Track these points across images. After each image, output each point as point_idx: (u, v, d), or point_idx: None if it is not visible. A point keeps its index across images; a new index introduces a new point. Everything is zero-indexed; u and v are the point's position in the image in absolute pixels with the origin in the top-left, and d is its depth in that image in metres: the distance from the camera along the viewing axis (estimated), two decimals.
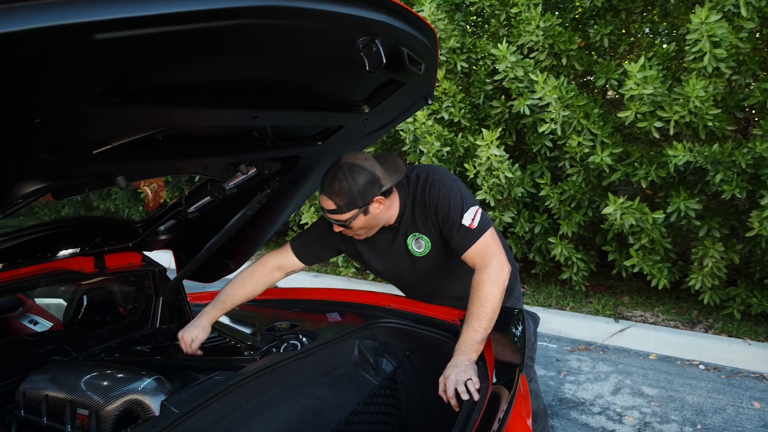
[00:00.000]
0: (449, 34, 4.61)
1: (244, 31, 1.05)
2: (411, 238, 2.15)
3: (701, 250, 4.15)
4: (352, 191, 1.91)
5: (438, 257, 2.17)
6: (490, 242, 2.00)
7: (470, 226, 1.98)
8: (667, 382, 4.01)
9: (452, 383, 1.75)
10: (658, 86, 3.65)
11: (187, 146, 1.58)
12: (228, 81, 1.38)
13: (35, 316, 3.21)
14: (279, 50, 1.26)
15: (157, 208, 2.37)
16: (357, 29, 1.27)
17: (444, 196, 2.03)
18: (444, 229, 2.06)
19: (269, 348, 2.18)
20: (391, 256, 2.22)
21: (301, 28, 1.16)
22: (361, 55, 1.35)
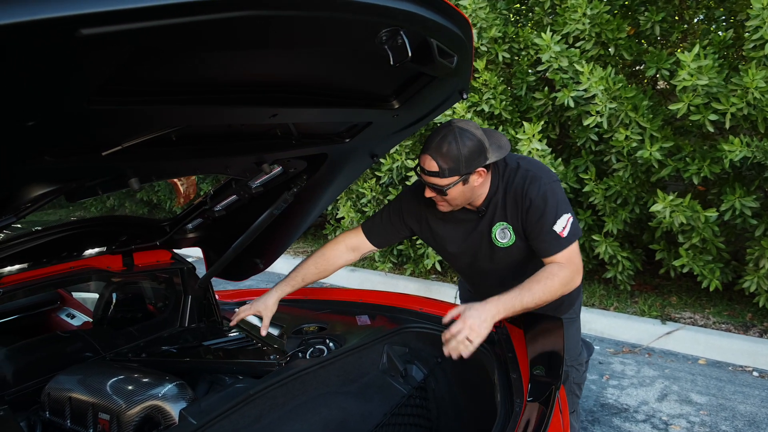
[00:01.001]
0: (490, 23, 4.44)
1: (251, 24, 0.96)
2: (497, 226, 2.04)
3: (757, 251, 3.89)
4: (460, 156, 1.83)
5: (519, 251, 2.08)
6: (573, 254, 1.97)
7: (560, 233, 1.93)
8: (718, 389, 3.80)
9: (456, 332, 1.78)
10: (713, 77, 3.41)
11: (204, 146, 1.51)
12: (243, 78, 1.29)
13: (73, 310, 3.25)
14: (295, 44, 1.16)
15: (186, 205, 2.32)
16: (380, 20, 1.16)
17: (541, 195, 1.95)
18: (529, 227, 1.98)
19: (295, 352, 2.11)
20: (470, 240, 2.11)
21: (317, 19, 1.06)
22: (385, 48, 1.24)
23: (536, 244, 1.99)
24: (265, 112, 1.41)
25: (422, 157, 1.90)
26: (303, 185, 2.10)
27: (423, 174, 1.91)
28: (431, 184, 1.90)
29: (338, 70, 1.52)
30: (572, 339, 2.37)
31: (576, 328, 2.41)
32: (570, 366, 2.37)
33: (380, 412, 1.85)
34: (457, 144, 1.84)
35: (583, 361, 2.45)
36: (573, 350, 2.37)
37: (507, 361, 1.89)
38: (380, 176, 5.40)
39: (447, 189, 1.88)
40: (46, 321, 3.16)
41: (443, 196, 1.93)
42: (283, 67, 1.35)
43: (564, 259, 1.95)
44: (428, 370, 2.17)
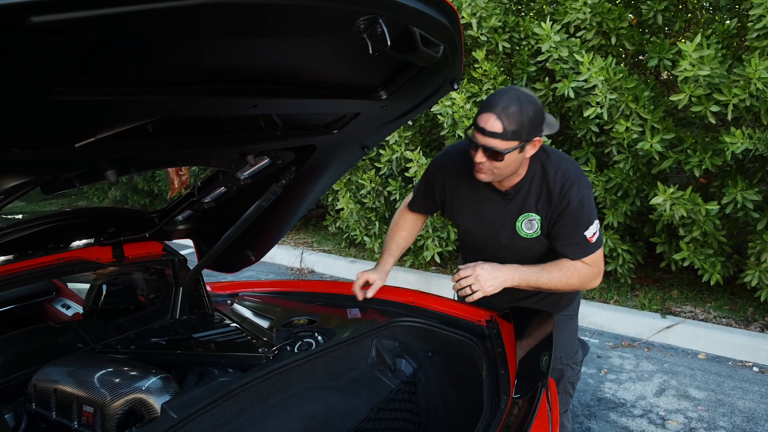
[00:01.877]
0: (490, 12, 4.38)
1: (217, 12, 0.92)
2: (525, 216, 2.01)
3: (759, 244, 3.84)
4: (524, 120, 1.75)
5: (539, 245, 2.05)
6: (598, 259, 2.03)
7: (590, 239, 1.96)
8: (717, 384, 3.76)
9: (464, 276, 1.92)
10: (715, 67, 3.35)
11: (185, 137, 1.48)
12: (220, 68, 1.26)
13: (68, 300, 3.25)
14: (268, 33, 1.13)
15: (176, 195, 2.30)
16: (356, 8, 1.13)
17: (579, 199, 1.93)
18: (561, 229, 1.96)
19: (284, 346, 2.09)
20: (492, 221, 2.07)
21: (288, 7, 1.03)
22: (364, 37, 1.20)
23: (565, 247, 1.98)
24: (244, 103, 1.38)
25: (484, 116, 1.78)
26: (292, 177, 2.07)
27: (481, 134, 1.78)
28: (488, 147, 1.78)
29: (322, 60, 1.48)
30: (569, 337, 2.34)
31: (573, 327, 2.38)
32: (565, 365, 2.32)
33: (367, 407, 1.83)
34: (522, 107, 1.75)
35: (579, 360, 2.40)
36: (569, 348, 2.33)
37: (496, 357, 1.86)
38: (380, 167, 5.36)
39: (506, 153, 1.78)
40: (42, 311, 3.16)
41: (495, 162, 1.81)
42: (262, 57, 1.31)
43: (590, 261, 2.00)
44: (418, 365, 2.15)
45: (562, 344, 2.29)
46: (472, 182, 2.01)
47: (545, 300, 2.27)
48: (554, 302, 2.29)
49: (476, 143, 1.81)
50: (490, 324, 2.12)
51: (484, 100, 1.83)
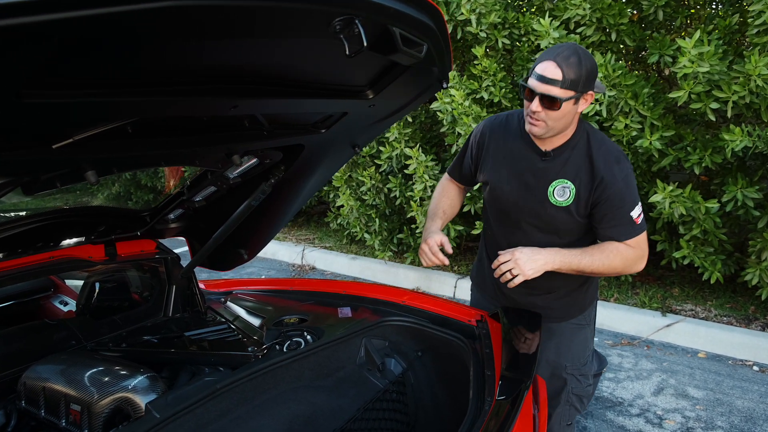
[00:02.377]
0: (490, 8, 4.35)
1: (178, 15, 0.92)
2: (559, 182, 1.97)
3: (759, 243, 3.81)
4: (582, 72, 1.78)
5: (565, 218, 2.00)
6: (643, 241, 1.98)
7: (636, 219, 1.93)
8: (716, 383, 3.74)
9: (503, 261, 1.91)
10: (715, 63, 3.32)
11: (167, 137, 1.47)
12: (196, 69, 1.25)
13: (66, 297, 3.27)
14: (241, 35, 1.12)
15: (164, 196, 2.30)
16: (329, 8, 1.12)
17: (624, 178, 1.92)
18: (606, 208, 1.92)
19: (273, 345, 2.09)
20: (526, 180, 2.03)
21: (258, 9, 1.02)
22: (341, 38, 1.20)
23: (610, 228, 1.94)
24: (224, 104, 1.37)
25: (543, 64, 1.79)
26: (281, 176, 2.07)
27: (540, 82, 1.79)
28: (547, 94, 1.78)
29: (306, 60, 1.47)
30: (577, 347, 2.25)
31: (584, 336, 2.26)
32: (569, 374, 2.24)
33: (353, 407, 1.83)
34: (581, 59, 1.78)
35: (589, 373, 2.29)
36: (576, 359, 2.24)
37: (483, 357, 1.85)
38: (380, 164, 5.35)
39: (563, 102, 1.78)
40: (39, 308, 3.18)
41: (551, 112, 1.81)
42: (241, 57, 1.30)
43: (634, 243, 1.95)
44: (407, 364, 2.15)
45: (568, 353, 2.23)
46: (514, 141, 2.06)
47: (557, 302, 2.20)
48: (565, 309, 2.22)
49: (534, 91, 1.81)
50: (480, 324, 2.11)
51: (544, 51, 1.85)
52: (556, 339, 2.21)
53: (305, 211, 7.91)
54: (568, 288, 2.18)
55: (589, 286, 2.22)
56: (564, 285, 2.17)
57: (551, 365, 2.22)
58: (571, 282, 2.16)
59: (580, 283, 2.18)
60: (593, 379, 2.34)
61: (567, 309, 2.21)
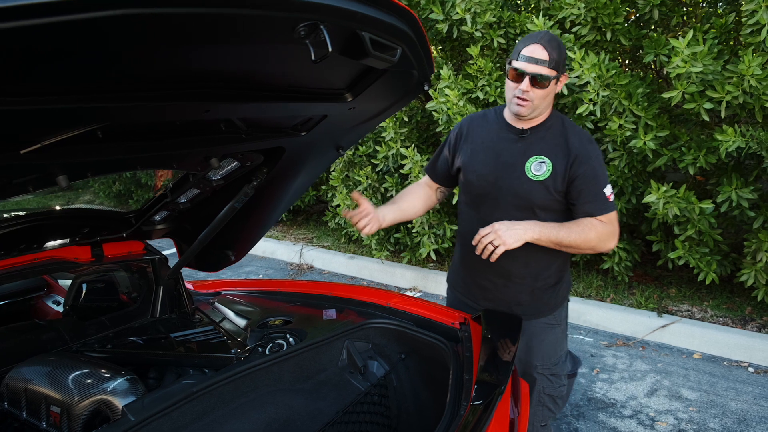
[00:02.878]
0: (485, 7, 4.33)
1: (138, 22, 0.92)
2: (536, 158, 2.07)
3: (754, 243, 3.78)
4: (562, 53, 1.98)
5: (542, 192, 2.07)
6: (614, 218, 2.10)
7: (608, 197, 2.06)
8: (710, 384, 3.72)
9: (483, 234, 1.95)
10: (708, 63, 3.29)
11: (141, 142, 1.48)
12: (166, 74, 1.25)
13: (59, 297, 3.28)
14: (208, 41, 1.12)
15: (148, 199, 2.31)
16: (289, 15, 1.11)
17: (597, 157, 2.07)
18: (582, 183, 2.03)
19: (255, 347, 2.09)
20: (504, 159, 2.13)
21: (219, 16, 1.02)
22: (307, 43, 1.19)
23: (586, 204, 2.04)
24: (195, 108, 1.37)
25: (531, 47, 1.95)
26: (263, 179, 2.07)
27: (530, 63, 1.94)
28: (536, 74, 1.94)
29: (281, 64, 1.47)
30: (548, 346, 2.27)
31: (555, 337, 2.29)
32: (540, 374, 2.27)
33: (332, 410, 1.83)
34: (559, 43, 1.97)
35: (561, 374, 2.31)
36: (547, 358, 2.27)
37: (463, 361, 1.85)
38: (376, 164, 5.34)
39: (549, 80, 1.96)
40: (33, 307, 3.20)
41: (539, 91, 1.97)
42: (212, 62, 1.30)
43: (607, 220, 2.06)
44: (390, 367, 2.14)
45: (538, 352, 2.25)
46: (491, 126, 2.20)
47: (529, 296, 2.22)
48: (538, 308, 2.24)
49: (524, 72, 1.95)
50: (463, 327, 2.11)
51: (524, 38, 2.02)
52: (527, 337, 2.23)
53: (304, 210, 7.92)
54: (540, 281, 2.20)
55: (561, 286, 2.26)
56: (537, 273, 2.19)
57: (522, 364, 2.25)
58: (544, 275, 2.20)
59: (552, 281, 2.22)
60: (567, 380, 2.36)
61: (538, 306, 2.24)
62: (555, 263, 2.20)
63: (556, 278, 2.23)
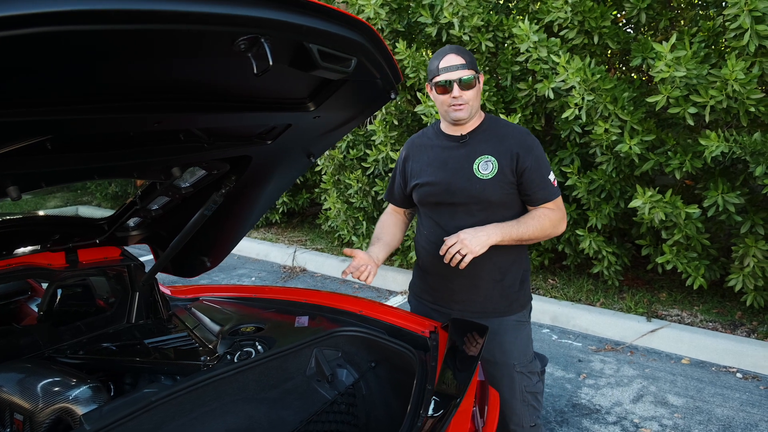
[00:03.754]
0: (472, 11, 4.32)
1: (68, 38, 0.92)
2: (481, 158, 2.17)
3: (742, 248, 3.76)
4: (472, 57, 2.14)
5: (494, 189, 2.15)
6: (561, 203, 2.24)
7: (553, 183, 2.19)
8: (697, 390, 3.70)
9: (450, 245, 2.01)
10: (692, 68, 3.27)
11: (96, 152, 1.48)
12: (113, 86, 1.25)
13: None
14: (147, 54, 1.12)
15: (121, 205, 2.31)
16: (233, 29, 1.11)
17: (537, 146, 2.18)
18: (528, 173, 2.14)
19: (224, 354, 2.09)
20: (452, 167, 2.21)
21: (155, 32, 1.02)
22: (249, 57, 1.19)
23: (532, 190, 2.15)
24: (144, 120, 1.37)
25: (446, 58, 2.10)
26: (232, 186, 2.07)
27: (452, 71, 2.08)
28: (461, 78, 2.07)
29: (235, 74, 1.47)
30: (522, 343, 2.30)
31: (526, 334, 2.34)
32: (519, 372, 2.27)
33: (295, 420, 1.83)
34: (465, 49, 2.16)
35: (536, 371, 2.34)
36: (522, 355, 2.29)
37: (428, 370, 1.84)
38: (367, 167, 5.34)
39: (473, 81, 2.09)
40: (17, 311, 3.21)
41: (469, 92, 2.10)
42: (159, 74, 1.30)
43: (554, 206, 2.19)
44: (360, 375, 2.14)
45: (514, 351, 2.27)
46: (431, 141, 2.31)
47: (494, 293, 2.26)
48: (507, 305, 2.28)
49: (450, 80, 2.09)
50: (433, 335, 2.10)
51: (433, 55, 2.17)
52: (500, 338, 2.24)
53: (299, 213, 7.92)
54: (507, 279, 2.26)
55: (525, 283, 2.34)
56: (503, 271, 2.25)
57: (499, 365, 2.25)
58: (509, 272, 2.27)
59: (518, 277, 2.29)
60: (540, 376, 2.37)
61: (509, 304, 2.28)
62: (517, 260, 2.28)
63: (520, 275, 2.30)
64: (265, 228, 7.81)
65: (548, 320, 4.82)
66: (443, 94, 2.12)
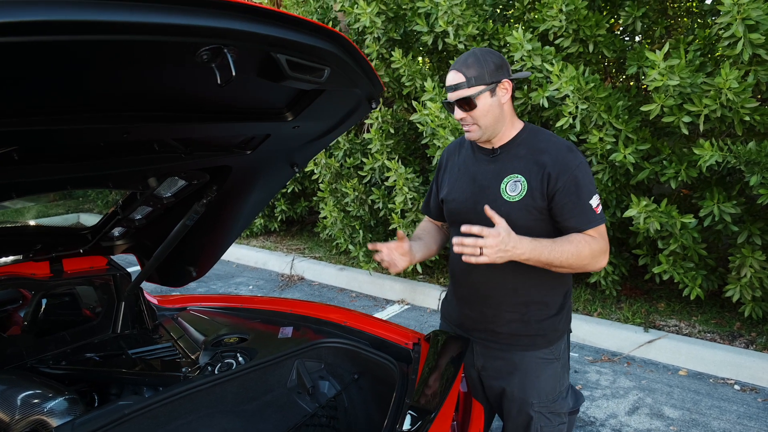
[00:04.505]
0: (467, 20, 4.31)
1: (22, 51, 0.91)
2: (510, 177, 1.94)
3: (739, 258, 3.71)
4: (483, 66, 1.87)
5: (521, 214, 1.91)
6: (604, 233, 1.93)
7: (596, 209, 1.88)
8: (694, 402, 3.65)
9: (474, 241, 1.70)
10: (685, 76, 3.25)
11: (64, 163, 1.47)
12: (77, 98, 1.24)
13: None
14: (112, 66, 1.11)
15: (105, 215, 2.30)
16: (194, 39, 1.10)
17: (579, 166, 1.87)
18: (565, 196, 1.86)
19: (205, 366, 2.07)
20: (480, 183, 2.01)
21: (113, 43, 1.01)
22: (212, 67, 1.18)
23: (568, 217, 1.87)
24: (113, 131, 1.36)
25: (449, 76, 1.92)
26: (213, 196, 2.05)
27: (451, 92, 1.91)
28: (459, 98, 1.89)
29: (208, 85, 1.46)
30: (545, 382, 2.07)
31: (554, 371, 2.09)
32: (537, 412, 2.06)
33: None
34: (479, 57, 1.89)
35: (561, 411, 2.10)
36: (544, 395, 2.06)
37: (407, 384, 1.82)
38: (363, 175, 5.33)
39: (475, 98, 1.87)
40: (8, 319, 3.20)
41: (472, 112, 1.90)
42: (128, 85, 1.29)
43: (597, 234, 1.89)
44: (343, 387, 2.11)
45: (533, 388, 2.05)
46: (466, 152, 2.12)
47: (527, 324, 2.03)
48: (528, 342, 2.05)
49: (451, 103, 1.93)
50: (416, 347, 2.08)
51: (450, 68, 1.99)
52: (521, 374, 2.04)
53: (298, 221, 7.92)
54: (533, 310, 2.03)
55: (560, 317, 2.08)
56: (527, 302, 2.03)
57: (517, 401, 2.06)
58: (537, 304, 2.03)
59: (549, 311, 2.05)
60: (568, 417, 2.15)
61: (533, 338, 2.05)
62: (550, 292, 2.05)
63: (553, 308, 2.05)
64: (264, 236, 7.80)
65: None
66: (452, 113, 1.96)
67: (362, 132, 5.83)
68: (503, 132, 1.98)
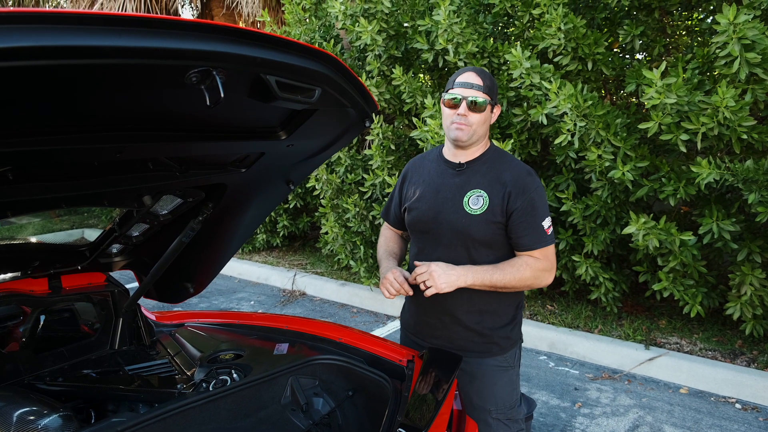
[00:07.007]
0: (467, 38, 4.35)
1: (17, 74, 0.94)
2: (473, 192, 2.08)
3: (738, 276, 3.70)
4: (493, 84, 2.08)
5: (481, 226, 2.06)
6: (551, 253, 2.10)
7: (546, 230, 2.06)
8: (695, 421, 3.62)
9: (420, 273, 1.96)
10: (683, 94, 3.27)
11: (59, 182, 1.49)
12: (69, 119, 1.27)
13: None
14: (103, 88, 1.14)
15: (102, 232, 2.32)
16: (182, 62, 1.12)
17: (536, 189, 2.06)
18: (519, 216, 2.03)
19: (200, 382, 2.08)
20: (444, 194, 2.13)
21: (101, 66, 1.03)
22: (202, 89, 1.20)
23: (521, 235, 2.04)
24: (107, 150, 1.39)
25: (465, 74, 2.05)
26: (209, 214, 2.07)
27: (466, 88, 2.02)
28: (472, 98, 2.01)
29: (202, 105, 1.48)
30: (502, 389, 2.19)
31: (508, 380, 2.21)
32: (495, 419, 2.17)
33: None
34: (490, 76, 2.08)
35: (519, 417, 2.23)
36: (501, 402, 2.18)
37: (400, 401, 1.82)
38: (364, 191, 5.35)
39: (485, 105, 2.02)
40: (9, 335, 3.22)
41: (475, 114, 2.02)
42: (122, 105, 1.32)
43: (542, 255, 2.05)
44: (337, 404, 2.11)
45: (491, 396, 2.16)
46: (431, 164, 2.24)
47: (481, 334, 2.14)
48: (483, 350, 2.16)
49: (460, 96, 2.03)
50: (411, 364, 2.08)
51: (457, 71, 2.12)
52: (478, 383, 2.14)
53: (300, 236, 7.93)
54: (488, 320, 2.15)
55: (512, 327, 2.20)
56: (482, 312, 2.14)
57: (476, 410, 2.16)
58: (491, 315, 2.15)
59: (502, 321, 2.17)
60: (525, 423, 2.25)
61: (489, 346, 2.17)
62: (503, 303, 2.16)
63: (505, 318, 2.17)
64: (267, 251, 7.82)
65: (545, 347, 4.76)
66: (451, 108, 2.06)
67: (363, 148, 5.87)
68: (474, 148, 2.13)
